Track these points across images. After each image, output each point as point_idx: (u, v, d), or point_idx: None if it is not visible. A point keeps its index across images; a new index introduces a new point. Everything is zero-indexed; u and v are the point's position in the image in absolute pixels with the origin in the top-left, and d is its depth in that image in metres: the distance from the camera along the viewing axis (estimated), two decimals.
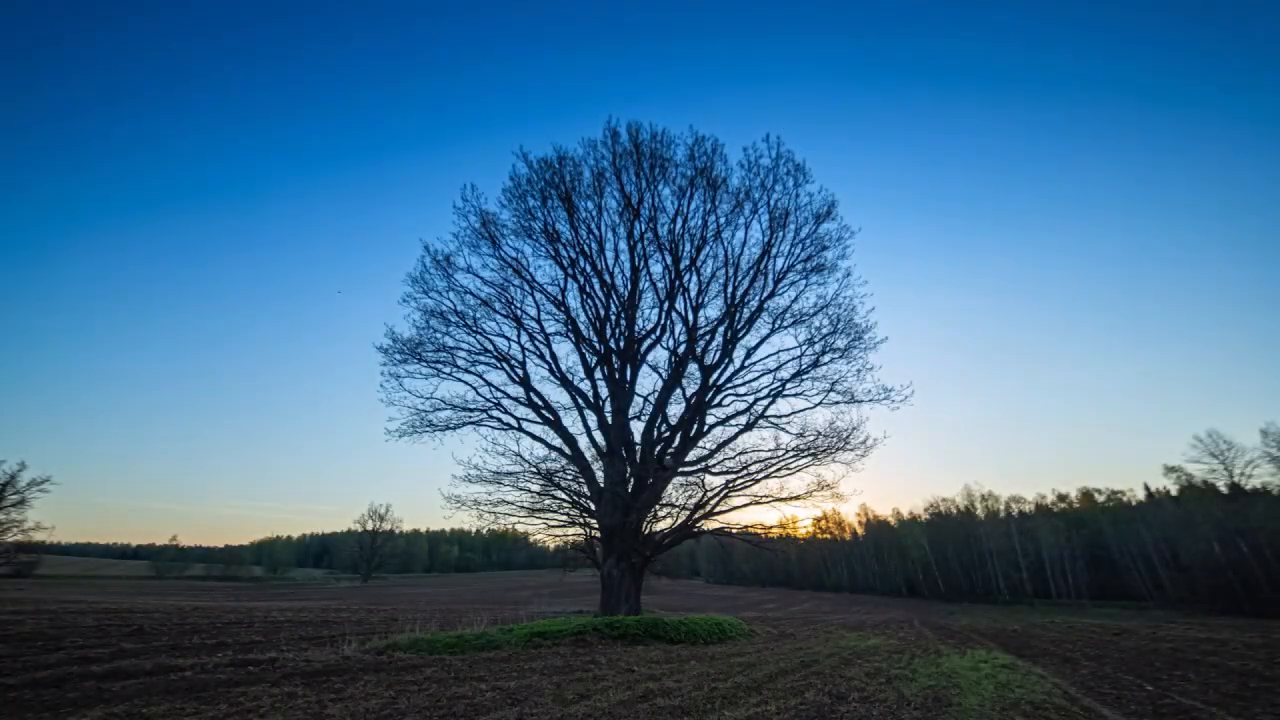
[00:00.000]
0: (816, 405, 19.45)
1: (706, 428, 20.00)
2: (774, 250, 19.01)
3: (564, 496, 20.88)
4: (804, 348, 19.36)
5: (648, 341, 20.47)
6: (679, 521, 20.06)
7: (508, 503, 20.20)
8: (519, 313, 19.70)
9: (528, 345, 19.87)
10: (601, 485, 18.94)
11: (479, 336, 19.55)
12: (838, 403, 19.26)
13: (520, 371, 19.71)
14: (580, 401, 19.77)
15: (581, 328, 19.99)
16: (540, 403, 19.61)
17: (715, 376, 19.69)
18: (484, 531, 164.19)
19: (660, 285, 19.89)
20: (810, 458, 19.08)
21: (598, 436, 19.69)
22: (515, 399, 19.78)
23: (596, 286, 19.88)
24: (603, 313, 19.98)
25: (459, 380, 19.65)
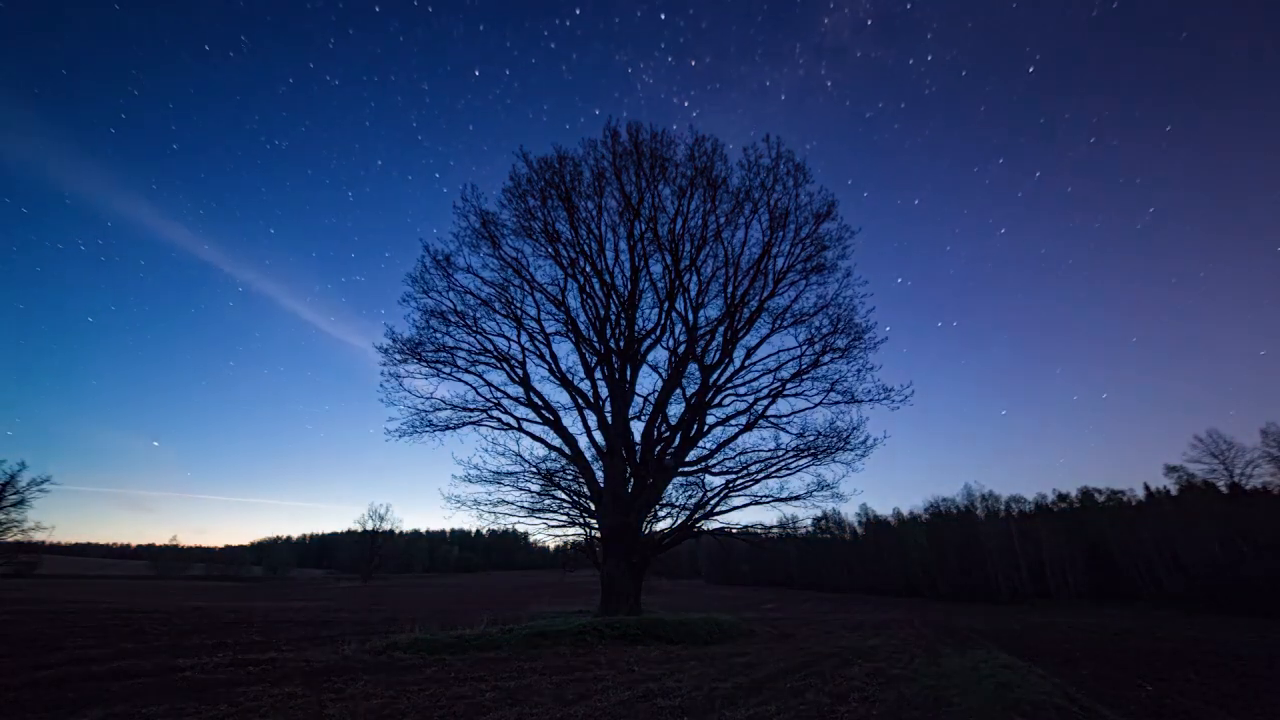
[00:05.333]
0: (816, 405, 19.46)
1: (706, 428, 20.01)
2: (774, 250, 19.00)
3: (564, 496, 20.91)
4: (804, 348, 19.37)
5: (648, 341, 20.47)
6: (679, 521, 20.07)
7: (508, 503, 20.24)
8: (519, 313, 19.70)
9: (528, 345, 19.89)
10: (601, 485, 18.94)
11: (479, 336, 19.55)
12: (838, 403, 19.26)
13: (520, 371, 19.71)
14: (580, 401, 19.78)
15: (581, 328, 20.00)
16: (540, 403, 19.61)
17: (715, 376, 19.69)
18: (484, 531, 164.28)
19: (660, 285, 19.89)
20: (810, 458, 19.09)
21: (598, 436, 19.70)
22: (515, 399, 19.78)
23: (596, 286, 19.89)
24: (603, 313, 19.97)
25: (459, 380, 19.66)
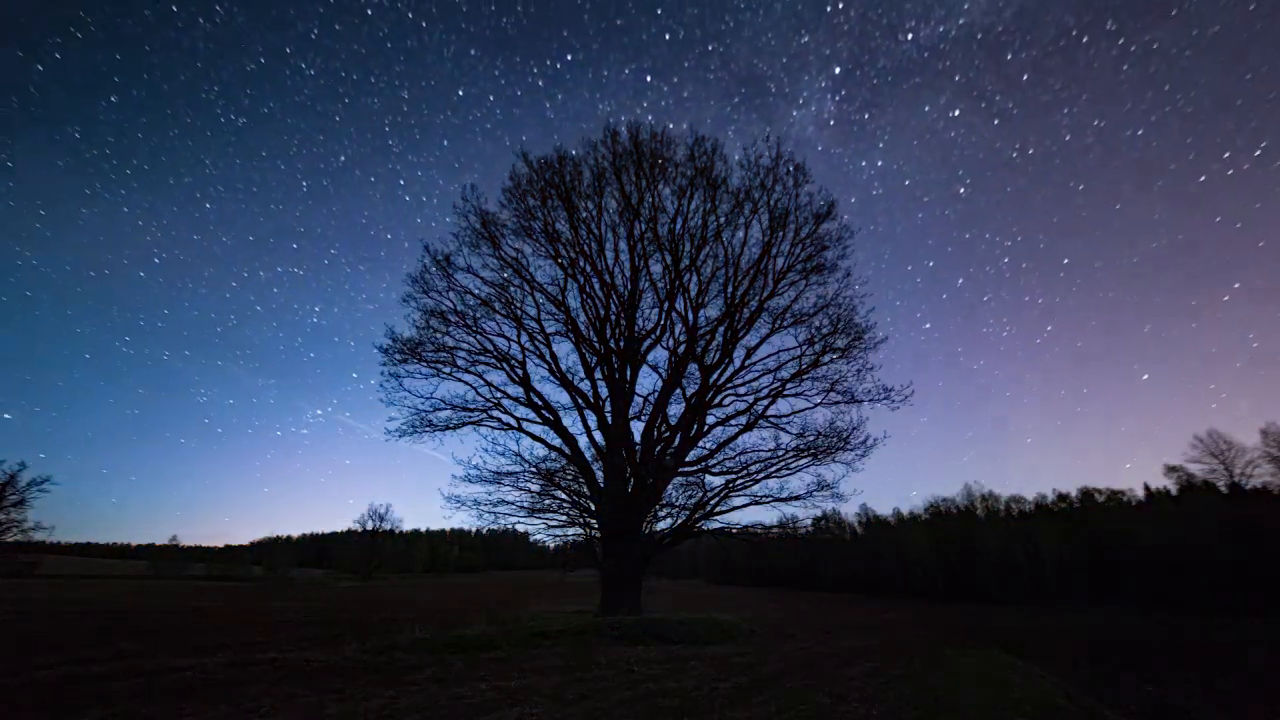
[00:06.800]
0: (816, 405, 19.43)
1: (706, 428, 19.98)
2: (774, 250, 18.97)
3: (564, 496, 20.89)
4: (804, 348, 19.34)
5: (648, 341, 20.46)
6: (679, 521, 20.05)
7: (508, 503, 20.20)
8: (519, 313, 19.68)
9: (528, 345, 19.86)
10: (601, 485, 18.93)
11: (479, 336, 19.53)
12: (838, 403, 19.24)
13: (520, 371, 19.70)
14: (580, 401, 19.76)
15: (581, 328, 19.98)
16: (540, 403, 19.60)
17: (715, 376, 19.68)
18: (484, 531, 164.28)
19: (660, 285, 19.87)
20: (810, 458, 19.06)
21: (598, 436, 19.68)
22: (515, 399, 19.76)
23: (596, 286, 19.88)
24: (603, 313, 19.96)
25: (459, 380, 19.61)
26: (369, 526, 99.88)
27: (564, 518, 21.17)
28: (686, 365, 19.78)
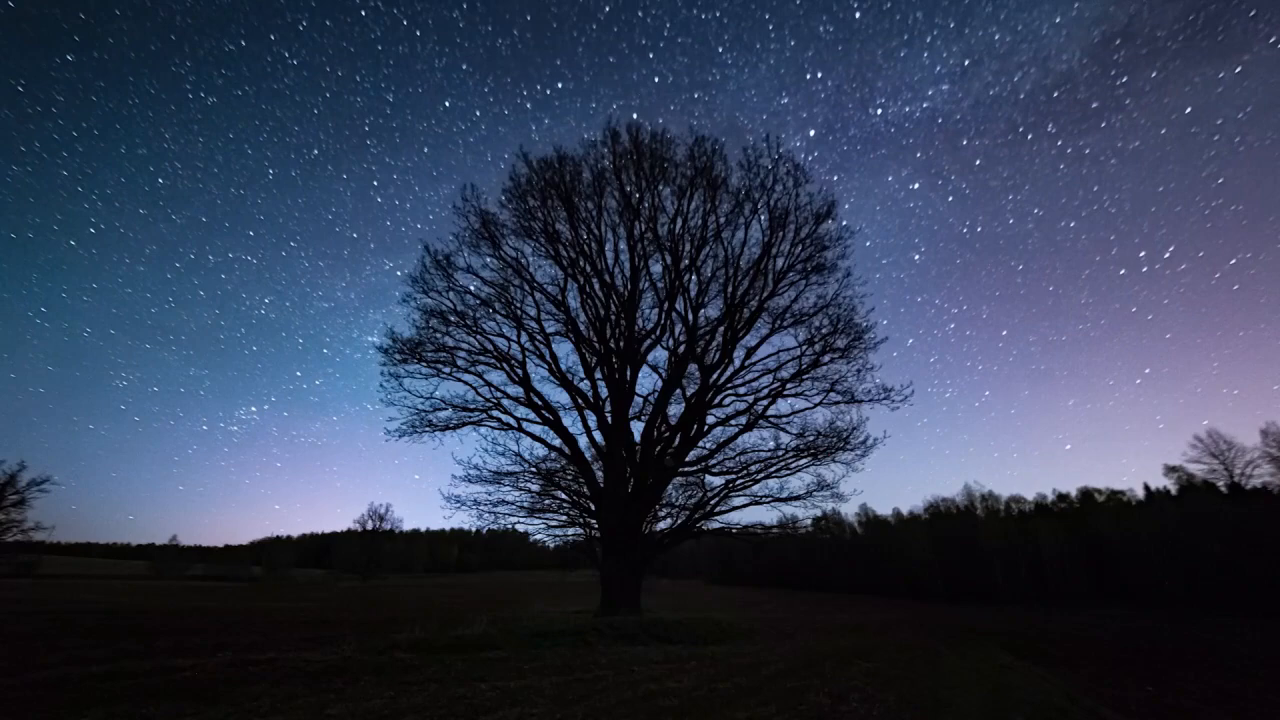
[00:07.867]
0: (816, 405, 19.45)
1: (706, 428, 20.00)
2: (774, 250, 18.99)
3: (564, 496, 20.92)
4: (804, 348, 19.35)
5: (648, 342, 20.47)
6: (679, 521, 20.08)
7: (508, 503, 20.24)
8: (519, 313, 19.70)
9: (528, 345, 19.89)
10: (601, 485, 18.94)
11: (479, 336, 19.55)
12: (838, 403, 19.26)
13: (520, 371, 19.71)
14: (580, 401, 19.77)
15: (581, 328, 19.99)
16: (540, 403, 19.61)
17: (715, 377, 19.69)
18: (484, 531, 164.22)
19: (660, 285, 19.89)
20: (810, 458, 19.08)
21: (598, 436, 19.70)
22: (515, 399, 19.78)
23: (596, 286, 19.88)
24: (603, 313, 19.97)
25: (459, 380, 19.64)
26: (369, 526, 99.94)
27: (564, 518, 21.22)
28: (686, 365, 19.78)
